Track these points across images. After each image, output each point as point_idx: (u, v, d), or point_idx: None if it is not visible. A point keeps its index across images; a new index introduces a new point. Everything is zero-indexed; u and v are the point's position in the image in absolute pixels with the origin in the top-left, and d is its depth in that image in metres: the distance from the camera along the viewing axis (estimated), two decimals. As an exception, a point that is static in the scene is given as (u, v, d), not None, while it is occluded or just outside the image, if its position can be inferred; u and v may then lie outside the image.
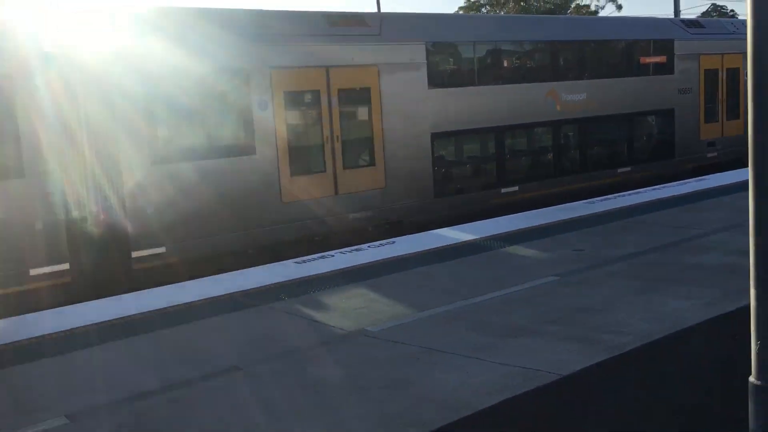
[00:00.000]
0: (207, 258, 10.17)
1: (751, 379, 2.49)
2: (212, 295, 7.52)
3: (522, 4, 45.90)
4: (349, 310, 6.90)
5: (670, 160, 17.51)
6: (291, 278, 8.12)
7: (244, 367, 5.48)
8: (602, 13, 53.11)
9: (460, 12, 45.90)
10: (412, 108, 13.00)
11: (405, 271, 8.34)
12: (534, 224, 10.51)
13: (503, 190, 14.52)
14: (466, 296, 7.06)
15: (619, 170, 16.55)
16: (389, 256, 8.95)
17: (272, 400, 4.85)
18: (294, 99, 11.67)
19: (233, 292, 7.60)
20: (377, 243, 9.89)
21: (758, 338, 2.34)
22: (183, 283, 8.30)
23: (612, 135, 16.90)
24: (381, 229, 12.31)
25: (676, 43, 17.54)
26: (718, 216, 10.25)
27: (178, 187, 10.13)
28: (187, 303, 7.29)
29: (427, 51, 13.31)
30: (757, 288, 2.35)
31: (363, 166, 12.52)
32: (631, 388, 4.74)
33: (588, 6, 52.11)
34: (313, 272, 8.34)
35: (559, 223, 10.60)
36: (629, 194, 12.79)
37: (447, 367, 5.26)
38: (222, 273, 8.73)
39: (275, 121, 11.22)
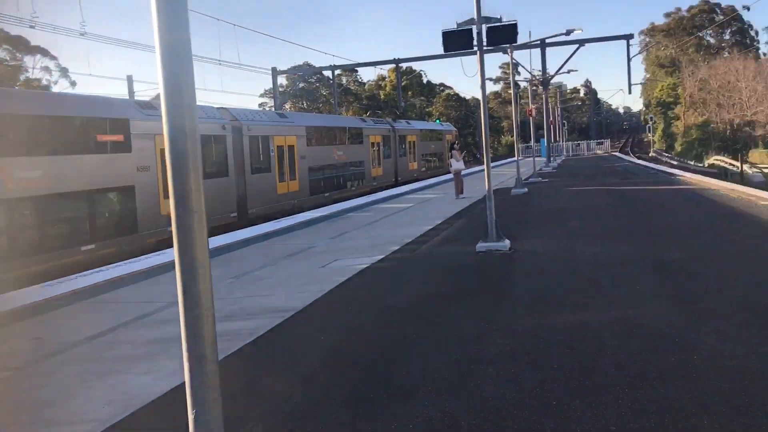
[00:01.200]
0: None
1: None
2: None
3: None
4: None
5: (134, 235, 17.84)
6: None
7: None
8: (55, 89, 51.58)
9: None
10: None
11: None
12: (-16, 315, 9.31)
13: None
14: None
15: (83, 248, 16.10)
16: None
17: None
18: None
19: None
20: None
21: (194, 408, 2.48)
22: None
23: (73, 212, 16.39)
24: None
25: (132, 123, 18.17)
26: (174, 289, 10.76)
27: None
28: None
29: None
30: (189, 359, 2.49)
31: None
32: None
33: (39, 80, 50.03)
34: None
35: (11, 311, 9.63)
36: (94, 272, 12.48)
37: None
38: None
39: None
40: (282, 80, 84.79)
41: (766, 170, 51.82)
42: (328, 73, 71.22)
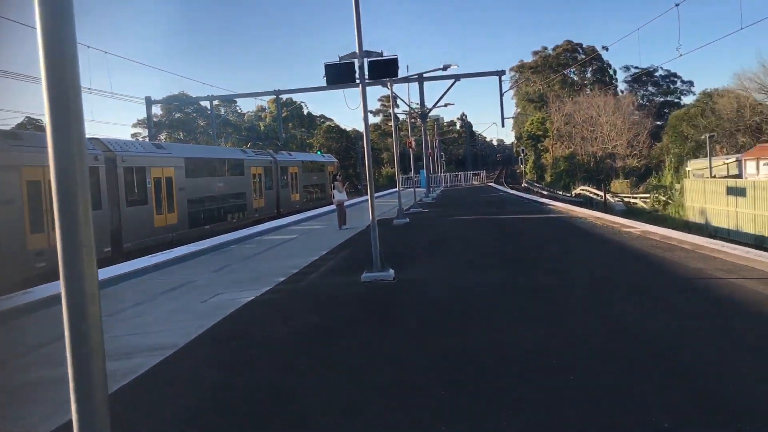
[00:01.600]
0: None
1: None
2: None
3: None
4: None
5: (-4, 273, 16.67)
6: None
7: None
8: None
9: None
10: None
11: None
12: None
13: None
14: None
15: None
16: None
17: None
18: None
19: None
20: None
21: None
22: None
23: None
24: None
25: (-6, 154, 17.09)
26: (50, 327, 10.16)
27: None
28: None
29: None
30: (77, 399, 2.39)
31: None
32: None
33: None
34: None
35: None
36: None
37: None
38: None
39: None
40: (157, 110, 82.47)
41: (626, 199, 55.75)
42: (205, 104, 69.95)
